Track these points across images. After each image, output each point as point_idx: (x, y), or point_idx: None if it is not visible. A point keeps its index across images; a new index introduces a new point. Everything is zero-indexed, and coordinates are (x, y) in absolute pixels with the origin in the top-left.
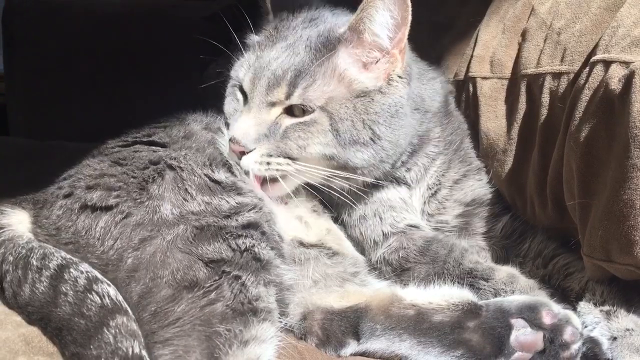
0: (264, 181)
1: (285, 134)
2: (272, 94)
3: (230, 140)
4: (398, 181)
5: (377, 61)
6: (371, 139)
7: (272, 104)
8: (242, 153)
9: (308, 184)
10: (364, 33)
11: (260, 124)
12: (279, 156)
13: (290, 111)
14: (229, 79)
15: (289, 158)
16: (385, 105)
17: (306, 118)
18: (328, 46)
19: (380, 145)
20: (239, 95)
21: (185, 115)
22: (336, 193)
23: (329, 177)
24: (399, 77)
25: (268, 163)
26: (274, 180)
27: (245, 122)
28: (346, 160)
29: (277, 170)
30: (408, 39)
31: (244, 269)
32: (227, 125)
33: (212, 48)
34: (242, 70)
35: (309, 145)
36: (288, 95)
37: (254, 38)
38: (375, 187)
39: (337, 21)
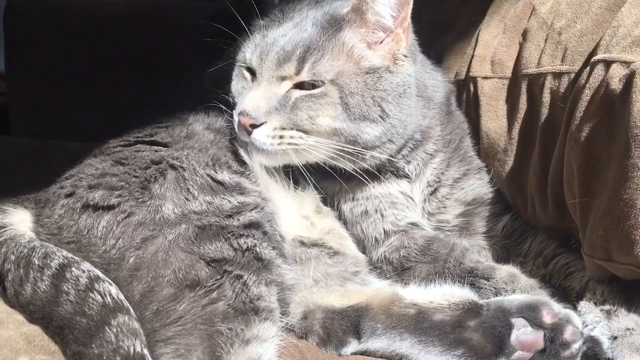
0: None
1: (295, 105)
2: (282, 68)
3: (240, 113)
4: (398, 173)
5: (381, 41)
6: (380, 116)
7: (282, 78)
8: (252, 127)
9: (315, 169)
10: (367, 13)
11: (271, 97)
12: (291, 129)
13: (300, 86)
14: (235, 63)
15: (301, 131)
16: (394, 84)
17: (316, 91)
18: (334, 24)
19: (389, 123)
20: (247, 74)
21: (186, 115)
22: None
23: (339, 152)
24: (404, 56)
25: (281, 137)
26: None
27: (256, 95)
28: (356, 136)
29: (290, 144)
30: None
31: (246, 268)
32: (235, 105)
33: (214, 48)
34: (248, 50)
35: (318, 116)
36: (298, 71)
37: (259, 22)
38: (376, 178)
39: (342, 2)
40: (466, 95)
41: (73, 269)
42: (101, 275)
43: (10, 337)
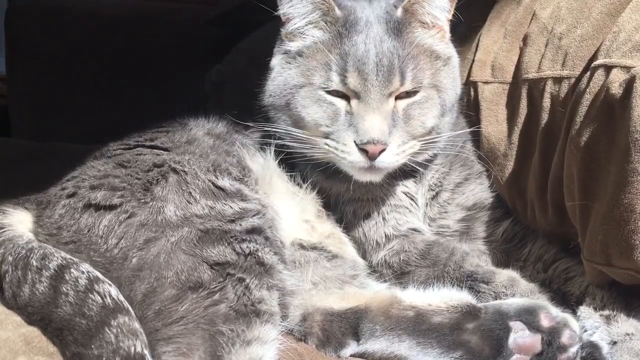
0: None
1: (407, 116)
2: (390, 84)
3: (366, 143)
4: (405, 172)
5: (438, 32)
6: (452, 103)
7: (389, 95)
8: (380, 152)
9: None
10: (424, 13)
11: (386, 117)
12: (408, 140)
13: (398, 96)
14: (284, 87)
15: (413, 139)
16: (456, 68)
17: (418, 97)
18: (400, 28)
19: (453, 109)
20: (334, 99)
21: (187, 120)
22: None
23: (424, 147)
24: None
25: (403, 151)
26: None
27: (376, 120)
28: (439, 129)
29: (408, 155)
30: None
31: (248, 272)
32: (325, 134)
33: (214, 51)
34: (323, 73)
35: (427, 119)
36: (402, 82)
37: (314, 36)
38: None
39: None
40: (466, 99)
41: (72, 270)
42: (101, 276)
43: (9, 338)
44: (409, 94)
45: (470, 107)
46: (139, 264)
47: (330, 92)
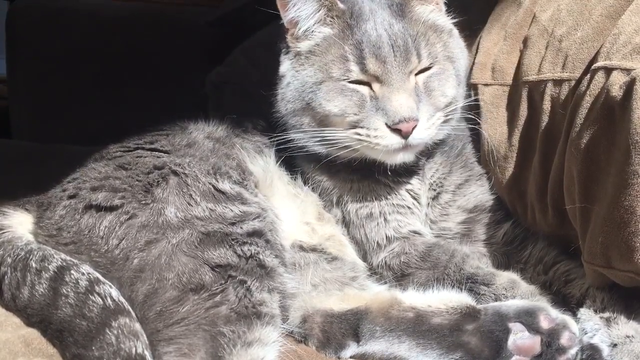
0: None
1: (428, 89)
2: (410, 62)
3: (398, 123)
4: (409, 170)
5: (436, 6)
6: (465, 72)
7: (410, 73)
8: (412, 129)
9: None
10: None
11: (411, 94)
12: (435, 113)
13: (416, 73)
14: (307, 84)
15: (438, 110)
16: (459, 38)
17: (435, 69)
18: (403, 8)
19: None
20: (357, 87)
21: (187, 123)
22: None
23: (448, 116)
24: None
25: (433, 124)
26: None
27: (402, 98)
28: (457, 100)
29: (437, 128)
30: None
31: (249, 274)
32: (353, 124)
33: (214, 52)
34: (341, 65)
35: (447, 89)
36: (419, 60)
37: (323, 32)
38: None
39: None
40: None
41: (72, 271)
42: (101, 277)
43: (8, 340)
44: (425, 69)
45: (470, 109)
46: (140, 265)
47: (351, 82)
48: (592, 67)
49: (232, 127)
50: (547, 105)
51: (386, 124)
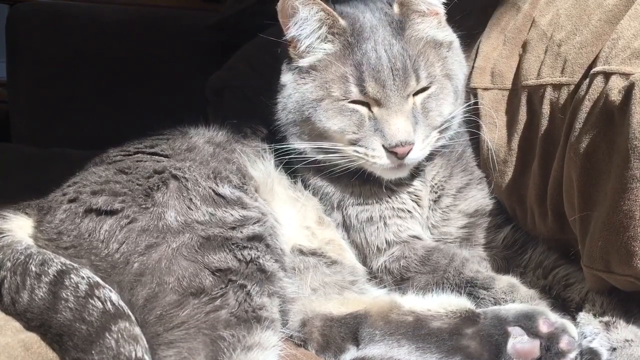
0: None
1: (425, 110)
2: (408, 86)
3: (395, 146)
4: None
5: (434, 14)
6: (463, 85)
7: (408, 95)
8: (408, 152)
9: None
10: (421, 4)
11: (408, 116)
12: (430, 133)
13: (414, 92)
14: (302, 101)
15: (433, 130)
16: (459, 50)
17: (433, 89)
18: (402, 26)
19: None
20: (356, 106)
21: (187, 128)
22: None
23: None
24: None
25: (428, 144)
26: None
27: (399, 122)
28: (452, 115)
29: (431, 146)
30: None
31: (250, 278)
32: (352, 142)
33: (214, 56)
34: (341, 85)
35: (443, 109)
36: (418, 81)
37: (324, 49)
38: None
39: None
40: (466, 106)
41: (72, 275)
42: (101, 281)
43: (8, 344)
44: (424, 89)
45: (470, 114)
46: (140, 269)
47: (351, 102)
48: (591, 71)
49: (232, 132)
50: (546, 109)
51: (383, 145)
